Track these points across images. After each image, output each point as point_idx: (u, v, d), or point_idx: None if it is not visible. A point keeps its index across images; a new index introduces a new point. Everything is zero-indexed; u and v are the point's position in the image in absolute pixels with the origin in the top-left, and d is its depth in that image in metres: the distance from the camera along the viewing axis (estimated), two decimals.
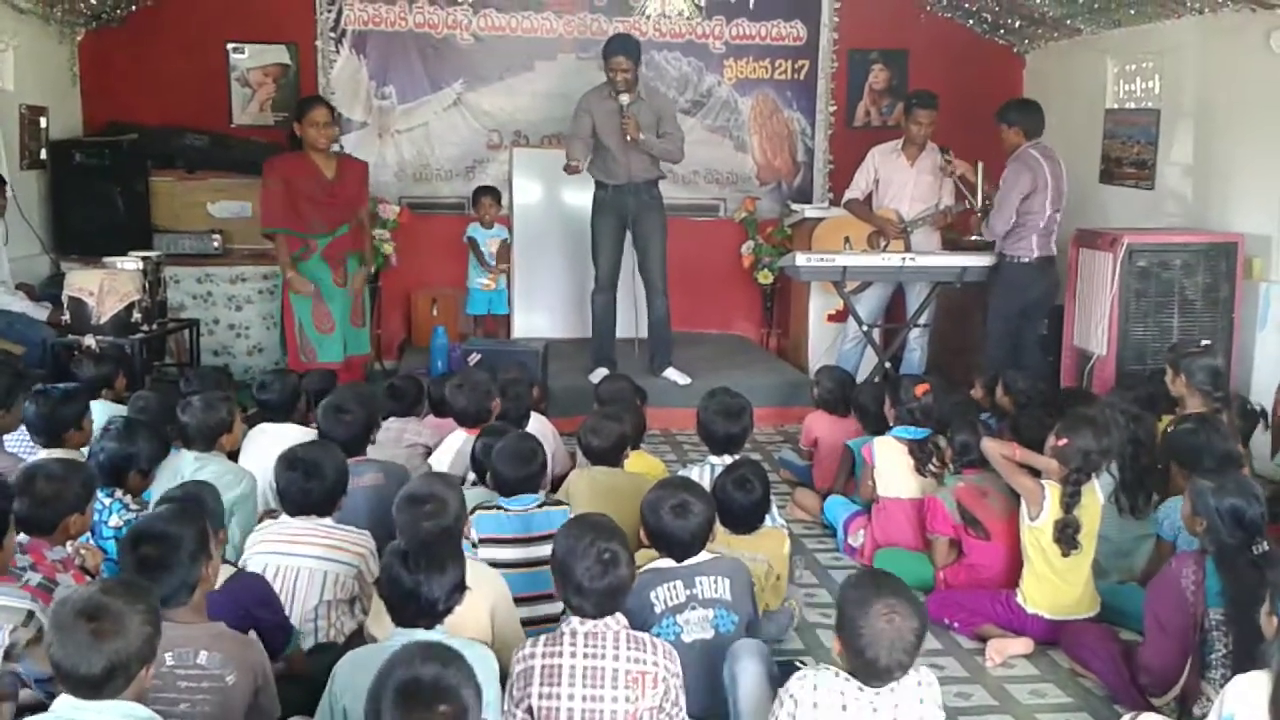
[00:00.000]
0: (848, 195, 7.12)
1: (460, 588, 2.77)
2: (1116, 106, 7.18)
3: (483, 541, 3.62)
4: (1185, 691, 3.34)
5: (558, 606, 3.26)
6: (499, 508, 3.71)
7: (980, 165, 6.57)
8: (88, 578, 3.18)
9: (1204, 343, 4.83)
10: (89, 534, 3.53)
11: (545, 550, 3.36)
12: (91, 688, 2.23)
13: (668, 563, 3.26)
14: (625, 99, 6.45)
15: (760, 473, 3.90)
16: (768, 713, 2.70)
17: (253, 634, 2.92)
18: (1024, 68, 8.34)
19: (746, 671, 3.06)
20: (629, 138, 6.46)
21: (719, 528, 3.47)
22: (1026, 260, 6.17)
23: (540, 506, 3.73)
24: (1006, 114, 6.32)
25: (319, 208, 6.16)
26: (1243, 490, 3.35)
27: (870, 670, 2.48)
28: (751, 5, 8.18)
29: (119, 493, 3.73)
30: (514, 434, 3.86)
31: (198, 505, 3.01)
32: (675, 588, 3.19)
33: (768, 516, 3.96)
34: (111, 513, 3.66)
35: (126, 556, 2.76)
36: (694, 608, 3.18)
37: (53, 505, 3.19)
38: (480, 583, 3.00)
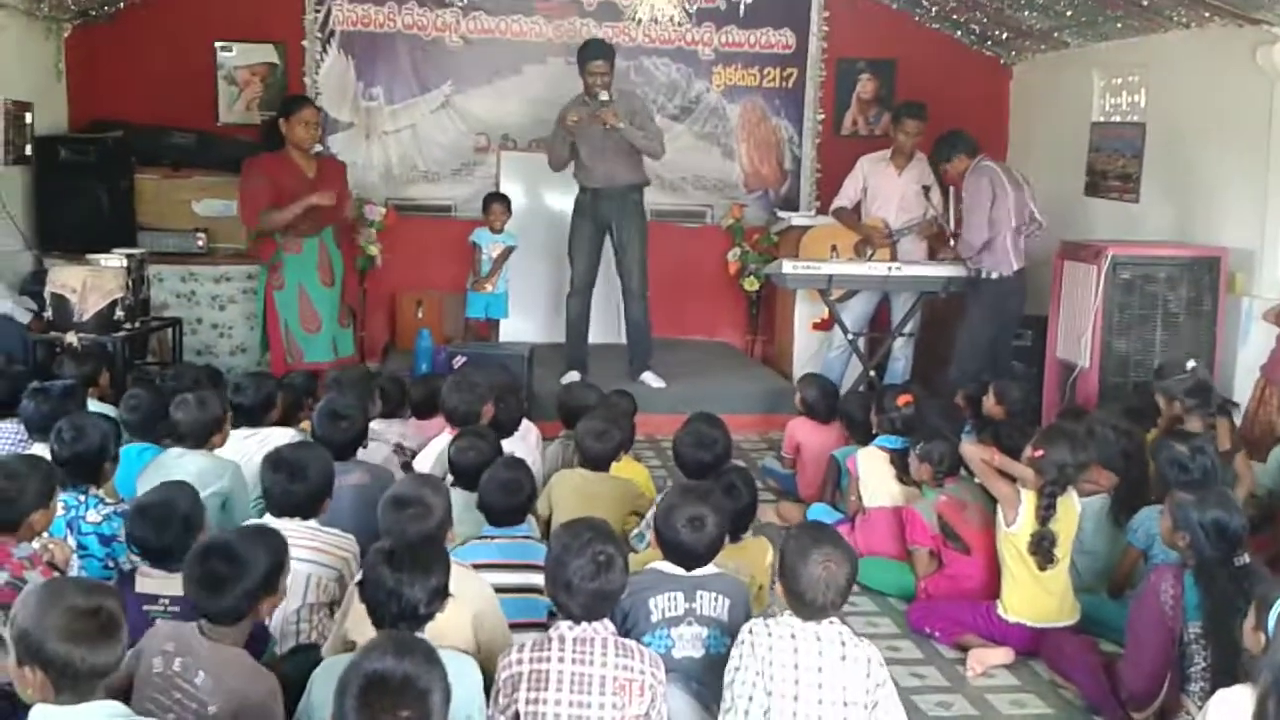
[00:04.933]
0: (836, 203, 7.15)
1: (443, 593, 2.75)
2: (1103, 119, 7.22)
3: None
4: (1165, 706, 3.35)
5: None
6: (486, 537, 3.66)
7: (950, 190, 6.64)
8: (56, 573, 3.16)
9: (1190, 365, 4.84)
10: (67, 530, 3.51)
11: (532, 578, 3.37)
12: (100, 679, 2.23)
13: (672, 568, 3.20)
14: (603, 96, 6.52)
15: (748, 479, 3.91)
16: None
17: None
18: (1011, 79, 8.38)
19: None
20: (607, 125, 6.50)
21: None
22: (1004, 275, 6.19)
23: (526, 538, 3.68)
24: (943, 152, 6.43)
25: (319, 210, 6.11)
26: (1224, 503, 3.37)
27: (808, 608, 2.81)
28: (741, 13, 8.19)
29: (92, 489, 3.69)
30: (501, 463, 3.79)
31: (277, 536, 2.95)
32: (675, 599, 3.14)
33: None
34: (87, 508, 3.62)
35: (194, 566, 2.75)
36: (690, 623, 3.13)
37: (15, 503, 3.18)
38: (464, 589, 2.98)
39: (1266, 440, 4.94)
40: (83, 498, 3.62)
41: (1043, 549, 3.87)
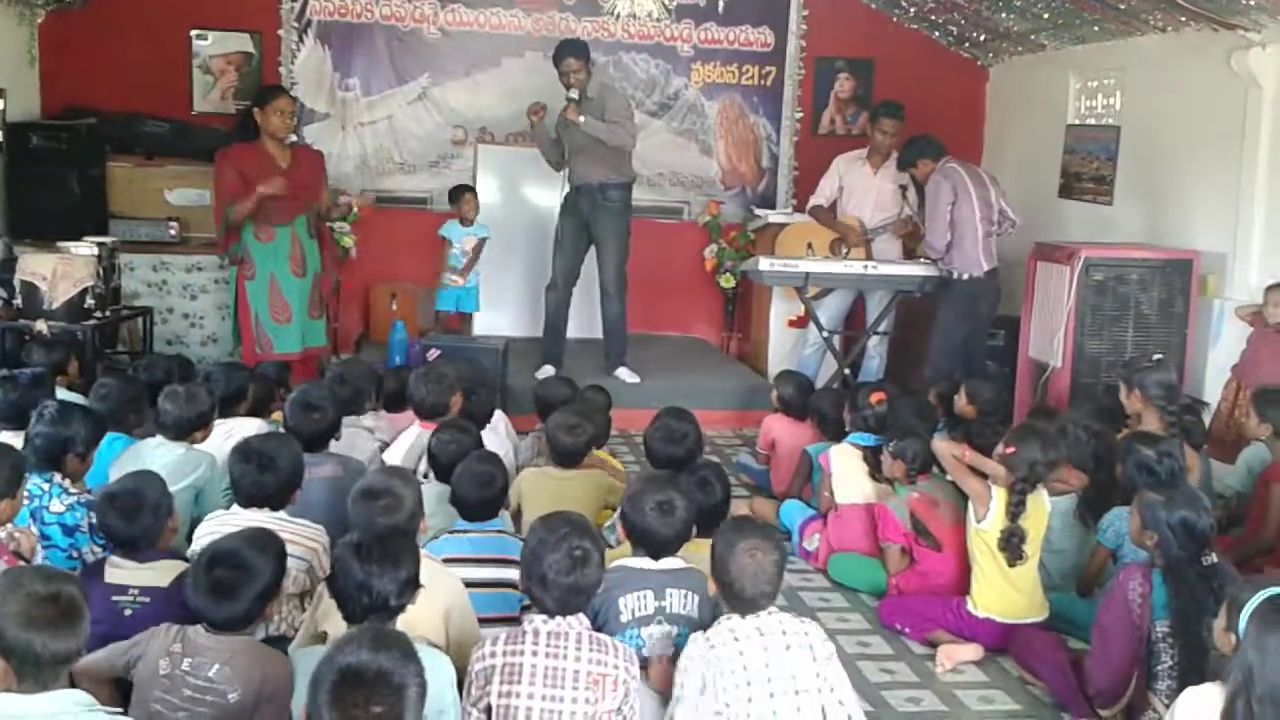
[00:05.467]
0: (812, 201, 7.17)
1: (413, 585, 2.74)
2: (1078, 122, 7.27)
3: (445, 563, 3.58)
4: (1132, 703, 3.38)
5: None
6: (459, 531, 3.64)
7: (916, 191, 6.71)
8: (21, 561, 3.12)
9: (1156, 357, 4.89)
10: (30, 520, 3.47)
11: (505, 573, 3.35)
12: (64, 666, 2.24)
13: (640, 562, 3.21)
14: (573, 93, 6.53)
15: (721, 474, 3.91)
16: None
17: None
18: (987, 81, 8.42)
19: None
20: (568, 120, 6.53)
21: None
22: (974, 275, 6.22)
23: (500, 532, 3.66)
24: (909, 156, 6.48)
25: (275, 199, 6.07)
26: (1192, 503, 3.39)
27: (741, 601, 2.84)
28: (721, 10, 8.19)
29: (57, 477, 3.64)
30: (474, 455, 3.78)
31: (276, 537, 2.96)
32: (645, 598, 3.13)
33: None
34: (51, 497, 3.57)
35: (200, 575, 2.74)
36: (660, 622, 3.13)
37: None
38: (435, 583, 2.96)
39: (1237, 442, 4.98)
40: (47, 485, 3.58)
41: (1012, 545, 3.90)
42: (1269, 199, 5.60)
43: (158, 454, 3.93)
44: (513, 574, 3.14)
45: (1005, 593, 3.98)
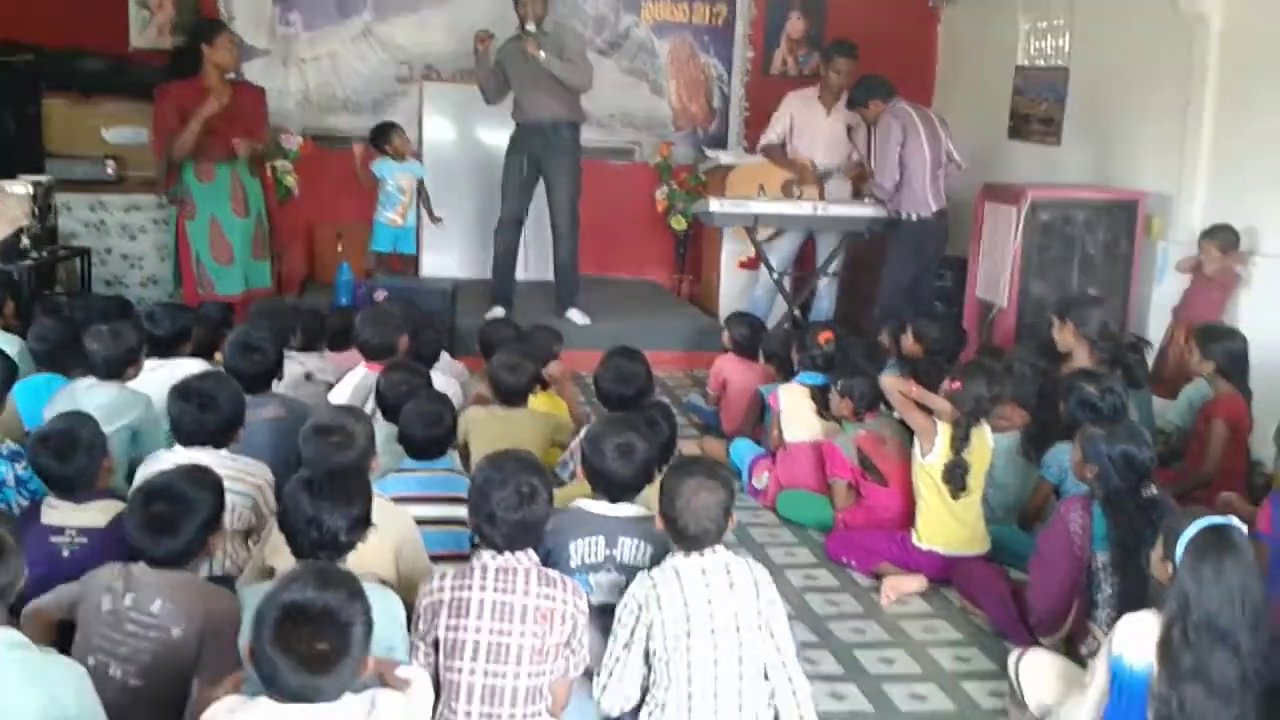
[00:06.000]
0: (764, 140, 7.13)
1: (364, 522, 2.73)
2: (1027, 64, 7.27)
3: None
4: (1072, 631, 3.45)
5: None
6: (408, 470, 3.61)
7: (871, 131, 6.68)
8: None
9: (1091, 292, 4.94)
10: None
11: (454, 510, 3.32)
12: None
13: (596, 506, 3.17)
14: (530, 27, 6.44)
15: (669, 414, 3.93)
16: None
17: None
18: (939, 23, 8.39)
19: None
20: (527, 55, 6.41)
21: None
22: (923, 216, 6.24)
23: (448, 470, 3.64)
24: (859, 97, 6.46)
25: (216, 136, 5.93)
26: (1133, 436, 3.44)
27: (686, 538, 2.83)
28: None
29: None
30: (423, 394, 3.74)
31: (212, 472, 2.92)
32: (596, 544, 3.11)
33: None
34: None
35: (137, 511, 2.70)
36: (609, 570, 3.11)
37: None
38: (386, 520, 2.95)
39: (1178, 379, 5.06)
40: None
41: (955, 477, 3.96)
42: (1214, 140, 5.64)
43: (91, 394, 3.85)
44: (461, 511, 3.11)
45: (948, 525, 4.03)
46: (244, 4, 7.65)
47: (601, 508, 3.18)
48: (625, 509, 3.17)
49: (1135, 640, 2.67)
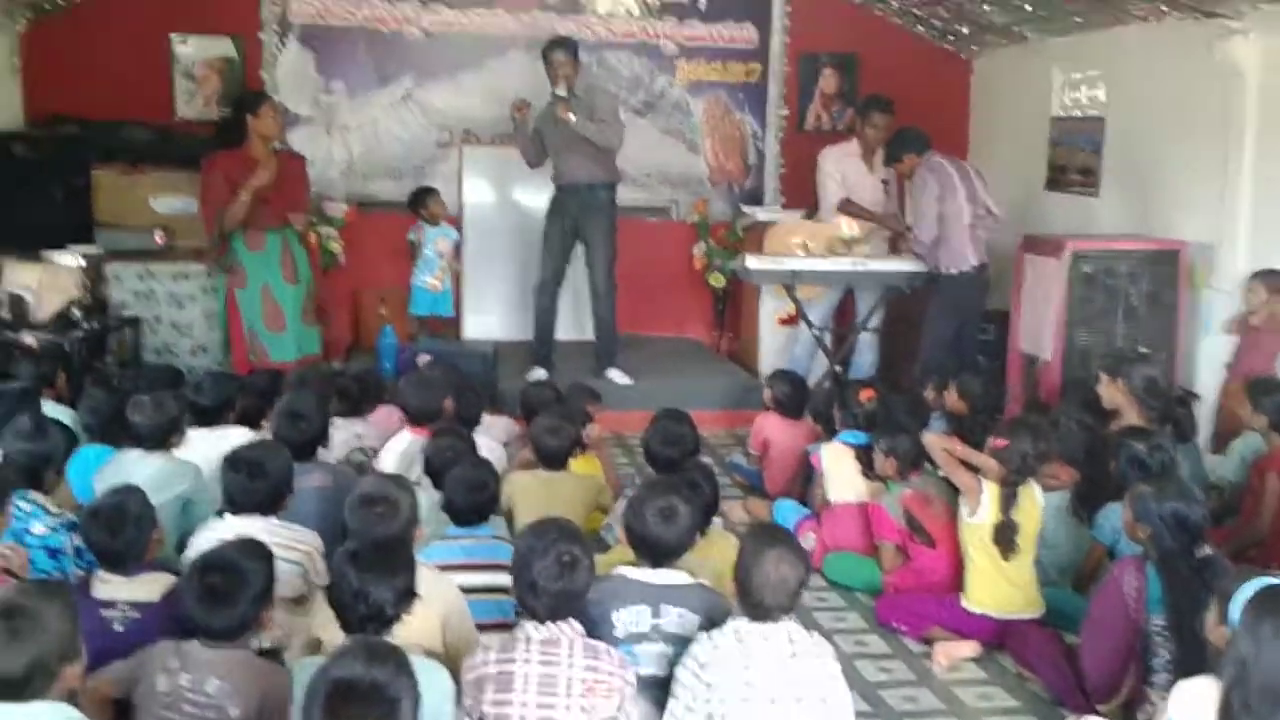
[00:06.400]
0: (834, 198, 6.93)
1: (410, 594, 2.74)
2: (1063, 114, 7.27)
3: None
4: (1130, 698, 3.37)
5: None
6: (452, 538, 3.63)
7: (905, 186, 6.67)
8: (11, 579, 3.10)
9: (1141, 350, 4.90)
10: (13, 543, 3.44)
11: (498, 578, 3.33)
12: (13, 688, 2.18)
13: (638, 573, 3.13)
14: (559, 90, 6.53)
15: (709, 474, 3.94)
16: None
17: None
18: (971, 74, 8.42)
19: None
20: (558, 119, 6.49)
21: None
22: (963, 270, 6.22)
23: (492, 538, 3.65)
24: (894, 152, 6.45)
25: (264, 205, 6.05)
26: (1183, 494, 3.39)
27: (758, 609, 2.83)
28: (702, 7, 8.18)
29: (38, 497, 3.60)
30: (467, 460, 3.78)
31: (262, 544, 2.95)
32: (640, 614, 3.05)
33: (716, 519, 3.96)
34: (33, 519, 3.52)
35: (194, 584, 2.72)
36: (654, 640, 3.04)
37: None
38: (432, 591, 2.96)
39: (1230, 434, 4.98)
40: (29, 507, 3.53)
41: (1005, 538, 3.90)
42: (1254, 187, 5.60)
43: (138, 466, 3.90)
44: (505, 579, 3.12)
45: (1000, 587, 3.97)
46: (288, 74, 7.83)
47: (644, 574, 3.14)
48: (668, 575, 3.14)
49: (1193, 707, 2.62)
